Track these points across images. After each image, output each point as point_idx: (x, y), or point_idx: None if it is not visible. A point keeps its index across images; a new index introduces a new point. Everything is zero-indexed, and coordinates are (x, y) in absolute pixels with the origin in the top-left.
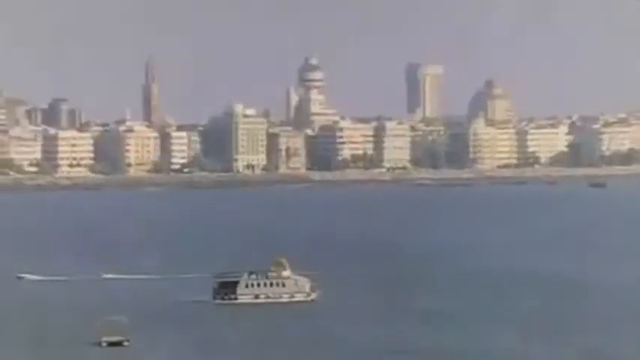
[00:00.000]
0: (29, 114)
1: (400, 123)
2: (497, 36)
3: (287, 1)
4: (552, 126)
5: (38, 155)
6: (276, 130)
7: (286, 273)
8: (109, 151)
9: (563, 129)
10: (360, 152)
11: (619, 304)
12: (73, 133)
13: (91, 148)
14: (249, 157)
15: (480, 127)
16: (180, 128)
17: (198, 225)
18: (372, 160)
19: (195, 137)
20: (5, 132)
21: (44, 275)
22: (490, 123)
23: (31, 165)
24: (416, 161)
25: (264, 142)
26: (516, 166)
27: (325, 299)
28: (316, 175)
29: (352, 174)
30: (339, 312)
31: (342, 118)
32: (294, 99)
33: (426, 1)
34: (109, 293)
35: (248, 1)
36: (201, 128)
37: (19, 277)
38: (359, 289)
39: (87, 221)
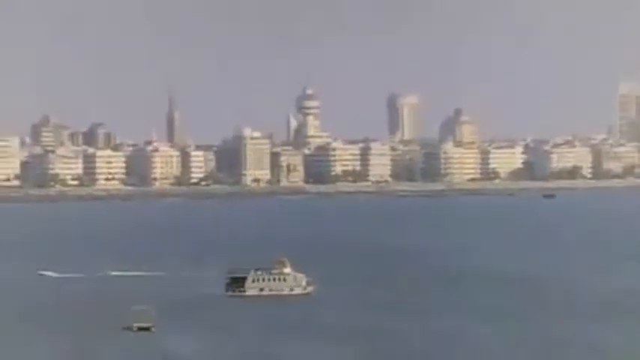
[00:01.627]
0: (72, 136)
1: (383, 144)
2: (464, 71)
3: (287, 41)
4: (510, 147)
5: (79, 171)
6: (278, 149)
7: (287, 270)
8: (138, 167)
9: (519, 149)
10: (350, 168)
11: (568, 294)
12: (108, 152)
13: (123, 164)
14: (255, 172)
15: (449, 147)
16: (197, 148)
17: (211, 228)
18: (360, 175)
19: (211, 156)
20: (52, 151)
21: (62, 273)
22: (458, 144)
23: (73, 179)
24: (396, 176)
25: (268, 160)
26: (480, 180)
27: (319, 292)
28: (312, 188)
29: (343, 187)
30: (330, 303)
31: (334, 139)
32: (294, 123)
33: (403, 42)
34: (133, 287)
35: (254, 40)
36: (215, 148)
37: (41, 275)
38: (347, 284)
39: (122, 225)
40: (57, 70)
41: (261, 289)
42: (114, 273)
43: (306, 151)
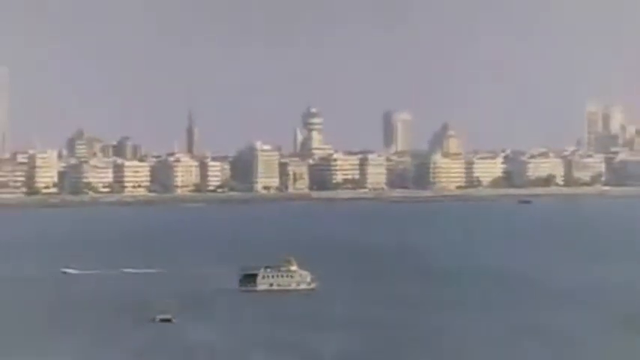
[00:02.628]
0: (103, 149)
1: (379, 155)
2: (451, 91)
3: (295, 64)
4: (491, 157)
5: (110, 179)
6: (285, 160)
7: (293, 268)
8: (161, 176)
9: (499, 160)
10: (349, 177)
11: (538, 288)
12: (135, 162)
13: (148, 174)
14: (265, 180)
15: (438, 158)
16: (214, 159)
17: (225, 230)
18: (358, 183)
19: (226, 165)
20: (86, 162)
21: (82, 270)
22: (445, 155)
23: (104, 187)
24: (390, 183)
25: (277, 169)
26: (465, 187)
27: (322, 288)
28: (316, 194)
29: (343, 193)
30: (332, 297)
31: (336, 151)
32: (300, 137)
33: (396, 66)
34: (154, 283)
35: (265, 65)
36: (230, 159)
37: (64, 272)
38: (347, 280)
39: (145, 228)
40: (89, 89)
41: (271, 285)
42: (127, 270)
43: (311, 162)
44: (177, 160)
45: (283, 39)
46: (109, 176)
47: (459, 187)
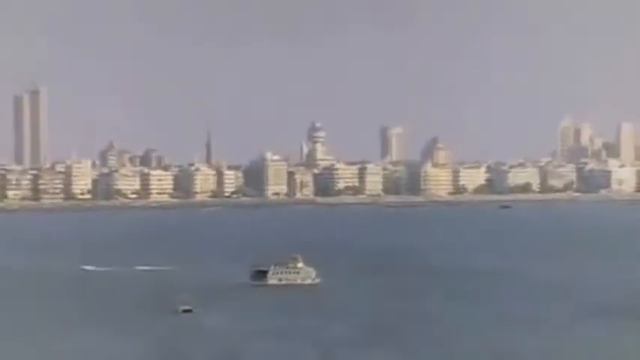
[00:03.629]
0: (131, 159)
1: (376, 165)
2: (439, 108)
3: (302, 85)
4: (476, 167)
5: (137, 186)
6: (293, 169)
7: (299, 265)
8: (183, 183)
9: (483, 169)
10: (350, 184)
11: (516, 282)
12: (160, 171)
13: (171, 181)
14: (275, 187)
15: (428, 167)
16: (229, 168)
17: (239, 231)
18: (358, 189)
19: (240, 174)
20: (116, 171)
21: (99, 267)
22: (435, 165)
23: (132, 193)
24: (386, 190)
25: (285, 177)
26: (452, 193)
27: (325, 282)
28: (320, 200)
29: (344, 199)
30: (334, 290)
31: (337, 161)
32: (305, 149)
33: (391, 86)
34: (176, 278)
35: (277, 87)
36: (243, 168)
37: (83, 269)
38: (348, 276)
39: (167, 228)
40: (119, 106)
41: (280, 280)
42: (146, 268)
43: (315, 171)
44: (197, 170)
45: (294, 64)
46: (136, 184)
47: (446, 194)
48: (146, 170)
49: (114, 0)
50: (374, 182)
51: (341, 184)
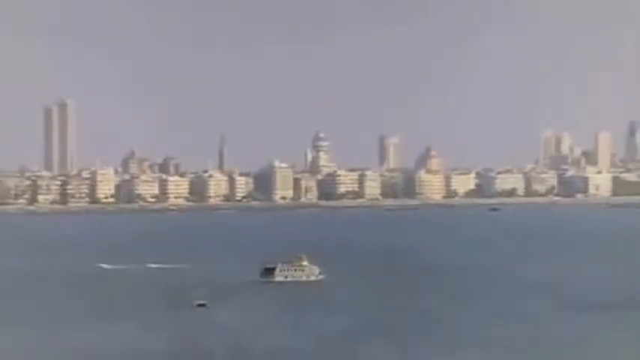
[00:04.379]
0: (151, 166)
1: (374, 171)
2: (433, 120)
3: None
4: (466, 173)
5: (156, 191)
6: (298, 175)
7: (304, 263)
8: (198, 188)
9: (472, 175)
10: (350, 189)
11: (507, 278)
12: (177, 178)
13: (187, 186)
14: (282, 192)
15: (422, 174)
16: (240, 174)
17: (249, 232)
18: (358, 194)
19: (250, 180)
20: (137, 177)
21: (114, 265)
22: (428, 172)
23: (151, 197)
24: (384, 194)
25: (292, 183)
26: (444, 197)
27: (327, 279)
28: (323, 203)
29: (345, 203)
30: (336, 287)
31: (339, 168)
32: (310, 157)
33: (389, 99)
34: (188, 275)
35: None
36: (253, 174)
37: (99, 267)
38: (349, 273)
39: (183, 229)
40: (139, 118)
41: (286, 277)
42: (156, 265)
43: (319, 177)
44: (211, 176)
45: (296, 66)
46: (155, 189)
47: (439, 198)
48: (164, 176)
49: (126, 11)
50: (373, 187)
51: (342, 189)
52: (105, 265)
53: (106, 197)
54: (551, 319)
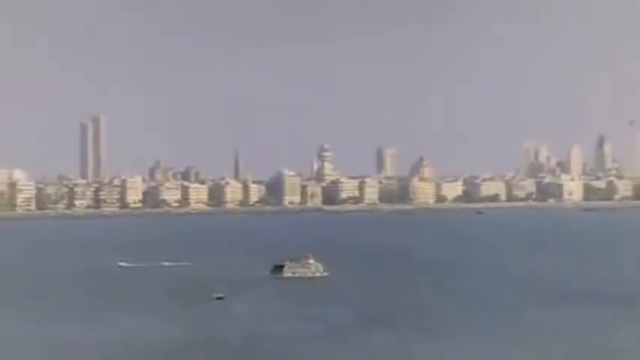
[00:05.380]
0: (174, 174)
1: (373, 179)
2: (425, 133)
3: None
4: (454, 180)
5: (179, 197)
6: (305, 183)
7: (310, 261)
8: (216, 194)
9: (460, 182)
10: (352, 195)
11: (493, 273)
12: (197, 185)
13: (206, 192)
14: (290, 197)
15: (415, 181)
16: (254, 182)
17: (261, 233)
18: (358, 199)
19: (262, 187)
20: (162, 184)
21: (133, 263)
22: (421, 179)
23: (174, 202)
24: (382, 199)
25: (299, 189)
26: (435, 202)
27: (332, 276)
28: (327, 208)
29: (347, 207)
30: (340, 283)
31: (342, 176)
32: (315, 166)
33: (387, 112)
34: (205, 272)
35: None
36: (265, 182)
37: (119, 265)
38: (351, 270)
39: (201, 231)
40: (164, 131)
41: (294, 273)
42: (165, 263)
43: (324, 184)
44: (227, 183)
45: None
46: (178, 195)
47: (431, 203)
48: (186, 184)
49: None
50: (372, 193)
51: (344, 195)
52: (123, 264)
53: (135, 202)
54: (533, 309)
